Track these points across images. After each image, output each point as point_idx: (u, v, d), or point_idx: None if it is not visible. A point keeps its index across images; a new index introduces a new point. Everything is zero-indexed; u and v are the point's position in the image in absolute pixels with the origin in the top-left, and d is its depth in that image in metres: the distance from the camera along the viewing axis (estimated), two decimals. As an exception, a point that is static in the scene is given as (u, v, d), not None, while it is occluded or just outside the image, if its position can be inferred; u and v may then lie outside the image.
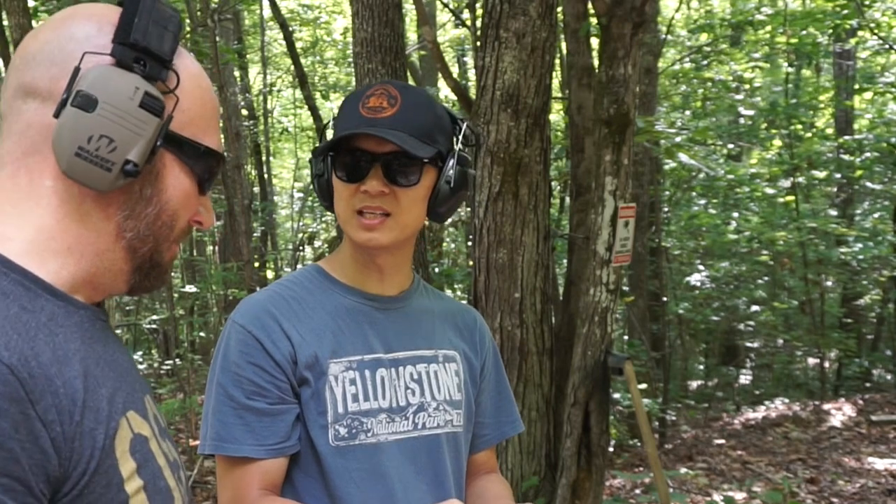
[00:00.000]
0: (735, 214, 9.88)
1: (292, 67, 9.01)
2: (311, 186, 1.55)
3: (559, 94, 7.24)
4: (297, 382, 1.38)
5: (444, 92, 9.97)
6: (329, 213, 1.55)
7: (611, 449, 6.75)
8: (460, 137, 1.44)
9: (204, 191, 0.97)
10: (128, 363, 0.95)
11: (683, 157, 6.86)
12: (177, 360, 7.80)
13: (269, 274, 10.94)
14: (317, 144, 1.50)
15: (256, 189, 11.87)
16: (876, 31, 9.11)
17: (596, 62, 4.23)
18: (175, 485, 0.94)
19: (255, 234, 11.44)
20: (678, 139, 7.15)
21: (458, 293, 8.61)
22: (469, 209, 5.64)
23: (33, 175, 0.87)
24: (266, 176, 11.66)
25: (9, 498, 0.73)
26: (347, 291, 1.46)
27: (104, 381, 0.86)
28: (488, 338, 1.61)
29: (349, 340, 1.41)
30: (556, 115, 8.50)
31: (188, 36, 6.74)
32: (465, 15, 7.64)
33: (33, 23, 5.76)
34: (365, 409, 1.39)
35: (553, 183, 5.93)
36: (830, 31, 8.73)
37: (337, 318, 1.42)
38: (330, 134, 1.45)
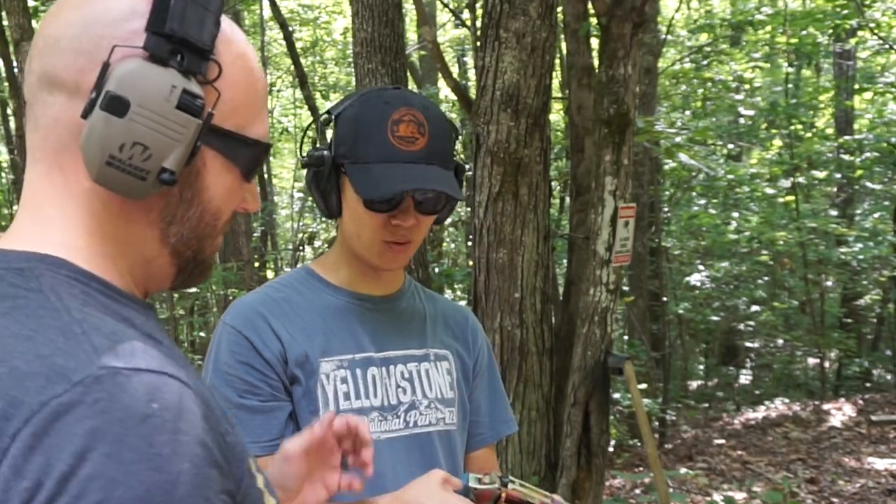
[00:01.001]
0: (735, 214, 9.88)
1: (292, 67, 9.01)
2: (310, 194, 1.48)
3: (559, 94, 7.24)
4: (288, 381, 1.38)
5: (444, 92, 9.96)
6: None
7: (611, 449, 6.75)
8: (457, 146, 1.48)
9: (249, 179, 0.88)
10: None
11: (683, 157, 6.86)
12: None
13: (269, 274, 10.94)
14: (315, 145, 1.47)
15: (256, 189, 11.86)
16: (876, 31, 9.11)
17: (596, 62, 4.23)
18: None
19: (255, 234, 11.44)
20: (678, 139, 7.15)
21: (458, 293, 8.61)
22: (469, 209, 5.64)
23: (68, 175, 0.79)
24: (266, 176, 11.66)
25: None
26: (338, 292, 1.47)
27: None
28: (481, 336, 1.62)
29: (340, 339, 1.42)
30: (556, 115, 8.50)
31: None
32: (465, 15, 7.64)
33: (33, 23, 5.76)
34: (357, 408, 1.39)
35: (553, 183, 5.93)
36: (830, 31, 8.73)
37: (327, 317, 1.43)
38: (328, 134, 1.42)
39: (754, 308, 10.82)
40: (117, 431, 0.63)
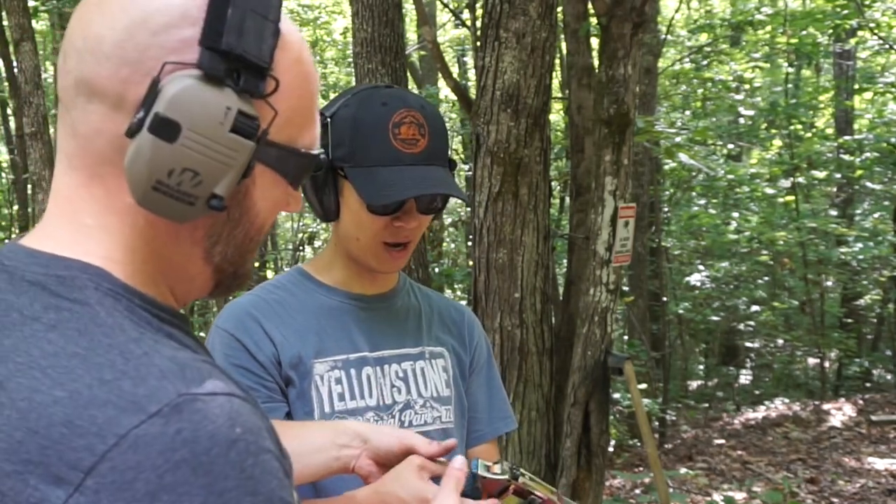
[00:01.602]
0: (735, 214, 9.88)
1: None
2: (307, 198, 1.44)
3: (559, 94, 7.25)
4: (283, 383, 1.38)
5: (444, 92, 9.96)
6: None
7: (611, 449, 6.75)
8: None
9: (297, 188, 0.83)
10: None
11: (683, 157, 6.85)
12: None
13: (269, 274, 10.94)
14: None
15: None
16: (876, 31, 9.11)
17: (596, 62, 4.23)
18: None
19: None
20: (678, 139, 7.15)
21: (458, 293, 8.61)
22: (469, 209, 5.63)
23: (110, 187, 0.73)
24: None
25: None
26: (331, 292, 1.46)
27: None
28: (478, 332, 1.60)
29: (333, 340, 1.41)
30: (556, 115, 8.50)
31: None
32: (465, 15, 7.64)
33: (34, 23, 5.76)
34: (352, 408, 1.39)
35: (553, 183, 5.93)
36: (830, 31, 8.74)
37: (321, 318, 1.42)
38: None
39: (754, 308, 10.82)
40: (207, 462, 0.61)
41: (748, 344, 11.66)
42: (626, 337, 8.77)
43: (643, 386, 7.42)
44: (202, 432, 0.61)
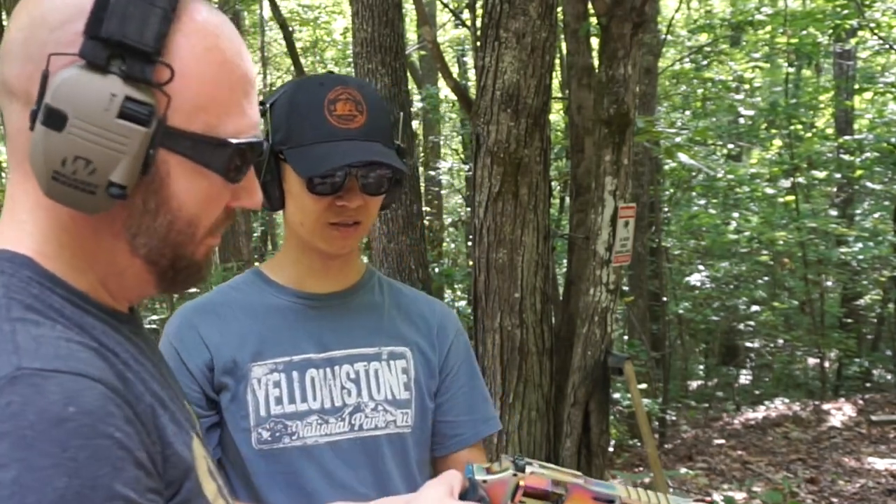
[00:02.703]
0: (735, 214, 9.88)
1: (292, 67, 9.01)
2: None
3: (559, 94, 7.24)
4: (215, 390, 1.36)
5: (445, 92, 9.96)
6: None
7: (611, 449, 6.75)
8: (400, 130, 1.45)
9: (235, 180, 0.81)
10: (170, 376, 0.88)
11: (683, 157, 6.86)
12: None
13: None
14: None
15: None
16: (876, 31, 9.11)
17: (596, 62, 4.23)
18: None
19: (255, 234, 11.44)
20: (678, 139, 7.15)
21: (458, 293, 8.61)
22: (469, 209, 5.63)
23: (39, 189, 0.76)
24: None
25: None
26: (281, 291, 1.43)
27: (167, 401, 0.79)
28: (453, 331, 1.52)
29: (276, 342, 1.38)
30: (556, 115, 8.50)
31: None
32: (465, 15, 7.64)
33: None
34: (290, 412, 1.35)
35: (553, 183, 5.93)
36: (830, 31, 8.73)
37: (265, 320, 1.39)
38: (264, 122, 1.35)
39: (754, 308, 10.82)
40: (29, 436, 0.60)
41: (748, 344, 11.66)
42: (626, 337, 8.77)
43: (643, 386, 7.42)
44: (30, 407, 0.62)
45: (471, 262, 4.46)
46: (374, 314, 1.45)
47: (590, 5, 4.28)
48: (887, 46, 9.42)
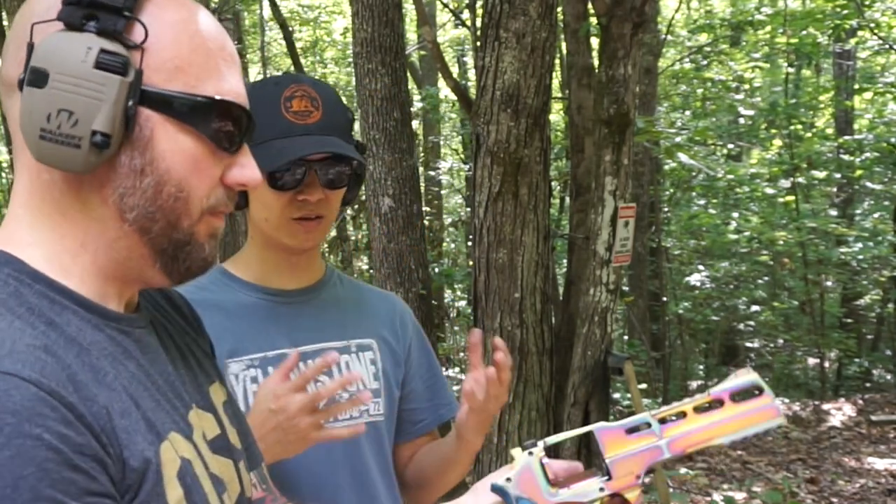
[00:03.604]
0: (735, 214, 9.88)
1: (292, 67, 9.01)
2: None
3: (559, 94, 7.25)
4: None
5: (445, 92, 9.96)
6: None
7: (611, 449, 6.73)
8: (354, 125, 1.47)
9: (225, 147, 0.84)
10: (167, 375, 0.87)
11: (683, 157, 6.86)
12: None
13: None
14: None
15: (256, 189, 11.85)
16: (876, 31, 9.11)
17: (596, 62, 4.23)
18: None
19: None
20: (678, 139, 7.16)
21: (458, 293, 8.61)
22: (469, 209, 5.63)
23: (31, 172, 0.79)
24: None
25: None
26: (249, 289, 1.45)
27: (141, 402, 0.78)
28: (410, 322, 1.58)
29: (250, 338, 1.40)
30: (556, 115, 8.50)
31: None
32: (465, 15, 7.64)
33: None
34: None
35: (553, 183, 5.93)
36: (830, 31, 8.73)
37: (237, 317, 1.41)
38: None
39: (754, 308, 10.81)
40: None
41: (748, 344, 11.66)
42: (626, 337, 8.78)
43: (643, 386, 7.42)
44: None
45: (471, 262, 4.46)
46: (339, 309, 1.50)
47: (590, 5, 4.28)
48: (887, 46, 9.43)
